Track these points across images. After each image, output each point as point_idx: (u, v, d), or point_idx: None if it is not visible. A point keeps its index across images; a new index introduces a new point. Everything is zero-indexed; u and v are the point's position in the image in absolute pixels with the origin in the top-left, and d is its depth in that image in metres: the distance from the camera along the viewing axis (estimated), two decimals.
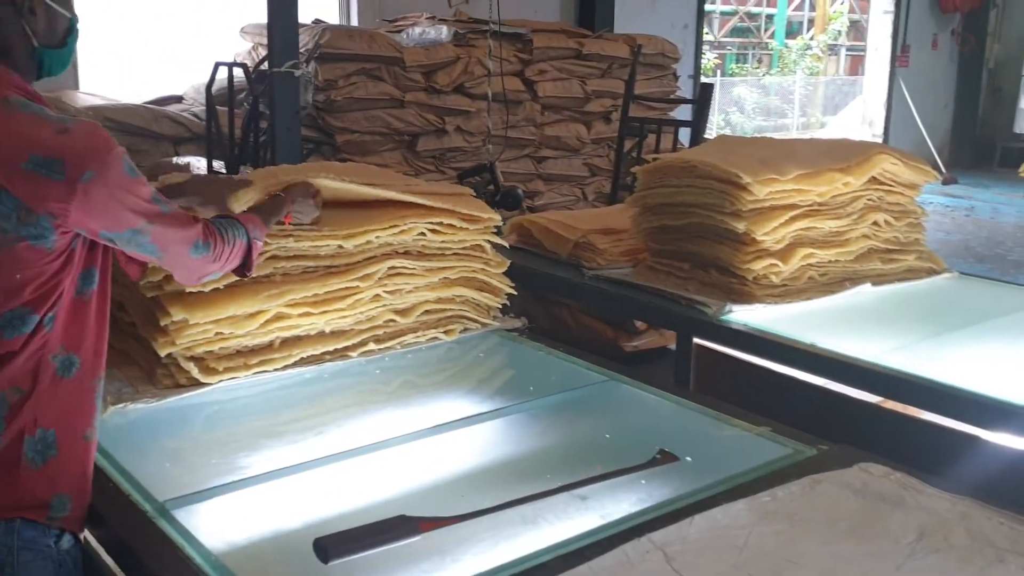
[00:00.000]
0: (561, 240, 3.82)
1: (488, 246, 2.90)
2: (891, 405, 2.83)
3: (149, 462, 2.06)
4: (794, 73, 20.42)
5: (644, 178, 3.45)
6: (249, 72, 5.78)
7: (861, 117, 15.20)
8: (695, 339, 3.28)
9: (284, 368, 2.52)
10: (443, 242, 2.78)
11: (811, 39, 21.35)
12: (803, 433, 2.16)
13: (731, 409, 2.33)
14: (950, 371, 2.58)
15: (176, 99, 6.64)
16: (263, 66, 5.60)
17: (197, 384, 2.39)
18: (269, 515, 1.86)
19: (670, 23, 9.85)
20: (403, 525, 1.66)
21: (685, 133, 5.90)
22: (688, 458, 2.03)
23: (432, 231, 2.74)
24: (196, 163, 5.66)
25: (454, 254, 2.82)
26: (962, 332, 2.99)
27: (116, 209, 1.79)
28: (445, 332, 2.83)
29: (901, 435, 2.79)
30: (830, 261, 3.31)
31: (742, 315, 3.07)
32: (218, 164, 5.66)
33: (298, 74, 5.12)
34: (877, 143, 4.10)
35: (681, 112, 7.98)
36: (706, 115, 5.66)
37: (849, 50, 21.20)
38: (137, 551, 1.73)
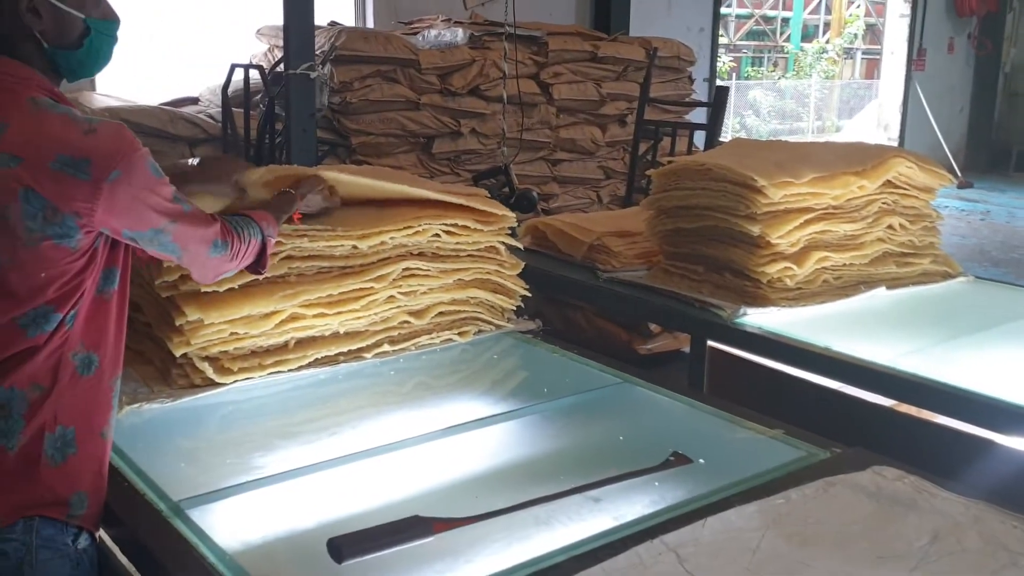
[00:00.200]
0: (575, 242, 3.82)
1: (502, 248, 2.90)
2: (905, 408, 2.83)
3: (164, 462, 2.07)
4: (810, 77, 20.36)
5: (659, 181, 3.45)
6: (265, 74, 5.81)
7: (877, 121, 15.18)
8: (709, 342, 3.28)
9: (299, 369, 2.53)
10: (458, 244, 2.78)
11: (827, 43, 21.28)
12: (817, 436, 2.15)
13: (745, 412, 2.32)
14: (964, 375, 2.57)
15: (192, 100, 6.65)
16: (279, 68, 5.62)
17: (212, 384, 2.40)
18: (283, 515, 1.87)
19: (686, 26, 9.84)
20: (417, 525, 1.66)
21: (700, 136, 5.90)
22: (701, 460, 2.03)
23: (447, 232, 2.75)
24: None
25: (468, 256, 2.83)
26: (977, 336, 2.98)
27: (140, 209, 1.82)
28: (459, 334, 2.84)
29: (915, 438, 2.79)
30: (845, 264, 3.31)
31: (756, 318, 3.06)
32: None
33: (314, 76, 5.13)
34: (892, 147, 4.08)
35: (696, 115, 7.98)
36: (721, 118, 5.66)
37: (865, 54, 21.13)
38: (152, 550, 1.74)
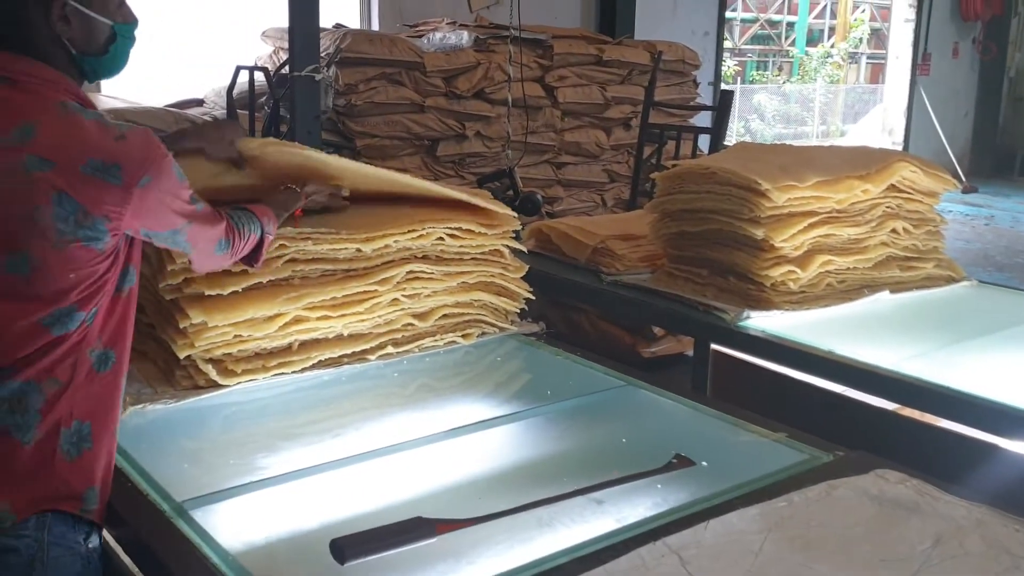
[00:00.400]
0: (580, 245, 3.82)
1: (506, 251, 2.90)
2: (908, 412, 2.83)
3: (167, 462, 2.08)
4: (814, 81, 20.33)
5: (663, 184, 3.45)
6: (270, 76, 5.81)
7: (881, 125, 15.16)
8: (713, 345, 3.28)
9: (302, 370, 2.53)
10: (461, 247, 2.79)
11: (832, 47, 21.25)
12: (820, 439, 2.15)
13: (748, 415, 2.32)
14: (968, 379, 2.57)
15: (197, 102, 6.66)
16: (284, 70, 5.63)
17: (215, 386, 2.41)
18: (286, 516, 1.87)
19: (691, 30, 9.85)
20: (420, 527, 1.66)
21: (705, 140, 5.90)
22: (704, 463, 2.03)
23: (451, 235, 2.75)
24: None
25: (472, 259, 2.83)
26: (980, 340, 2.98)
27: (164, 212, 1.87)
28: (463, 336, 2.84)
29: (918, 442, 2.78)
30: (848, 268, 3.31)
31: (760, 321, 3.07)
32: None
33: (319, 78, 5.13)
34: (897, 151, 4.08)
35: (701, 119, 7.95)
36: (726, 122, 5.66)
37: (870, 58, 21.11)
38: (155, 551, 1.74)
